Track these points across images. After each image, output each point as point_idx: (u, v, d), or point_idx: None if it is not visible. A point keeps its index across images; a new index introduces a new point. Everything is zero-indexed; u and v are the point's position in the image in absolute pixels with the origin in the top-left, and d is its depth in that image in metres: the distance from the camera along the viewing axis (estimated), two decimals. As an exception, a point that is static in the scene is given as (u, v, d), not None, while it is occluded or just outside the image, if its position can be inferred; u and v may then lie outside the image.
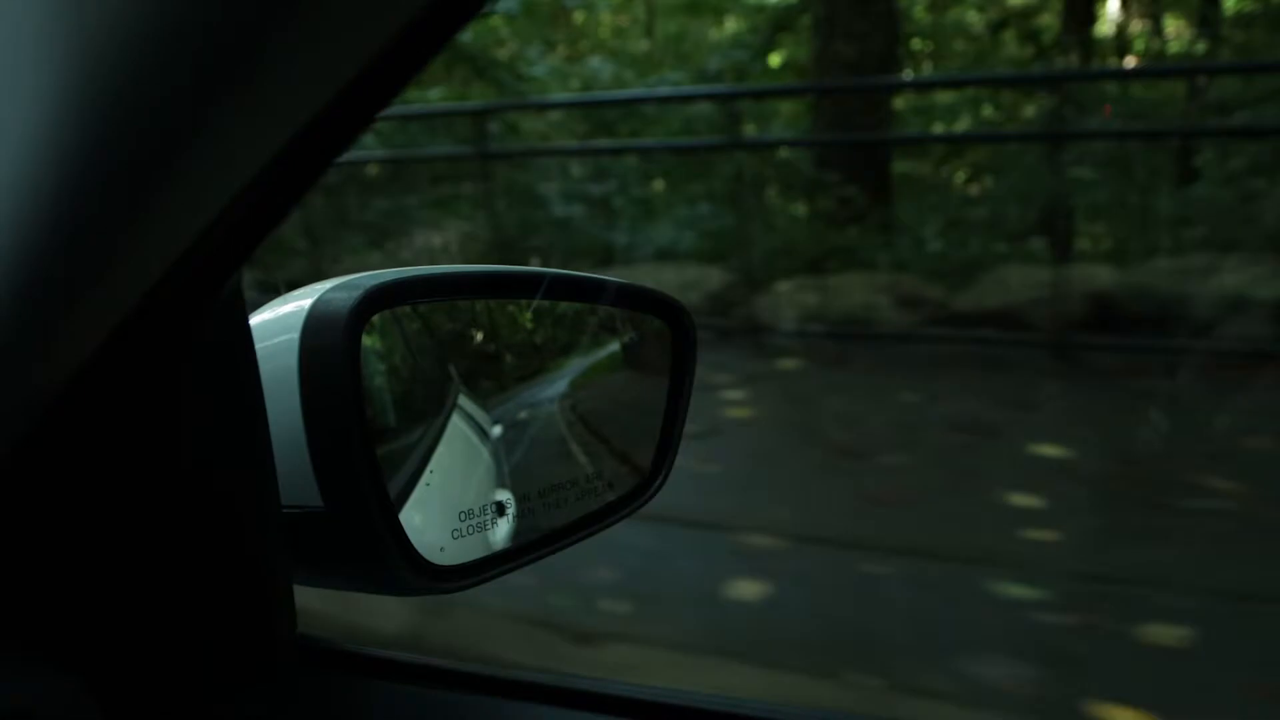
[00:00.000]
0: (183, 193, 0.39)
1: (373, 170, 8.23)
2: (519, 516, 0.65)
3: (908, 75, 9.81)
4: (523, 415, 0.69)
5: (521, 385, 0.70)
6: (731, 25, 11.64)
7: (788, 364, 5.46)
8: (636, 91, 9.10)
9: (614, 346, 0.76)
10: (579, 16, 12.47)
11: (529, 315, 0.71)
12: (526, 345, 0.71)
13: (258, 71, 0.34)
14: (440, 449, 0.62)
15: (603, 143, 8.06)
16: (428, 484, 0.60)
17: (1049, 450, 3.89)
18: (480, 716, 0.61)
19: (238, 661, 0.57)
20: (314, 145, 0.37)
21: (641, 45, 12.13)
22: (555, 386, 0.71)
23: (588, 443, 0.72)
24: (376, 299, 0.56)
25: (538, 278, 0.70)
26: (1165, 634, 2.54)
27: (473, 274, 0.67)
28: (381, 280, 0.57)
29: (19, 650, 0.50)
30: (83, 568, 0.51)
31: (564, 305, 0.73)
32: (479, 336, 0.69)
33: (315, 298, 0.56)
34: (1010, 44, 11.08)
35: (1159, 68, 10.07)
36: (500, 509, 0.64)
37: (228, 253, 0.43)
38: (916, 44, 11.26)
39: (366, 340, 0.56)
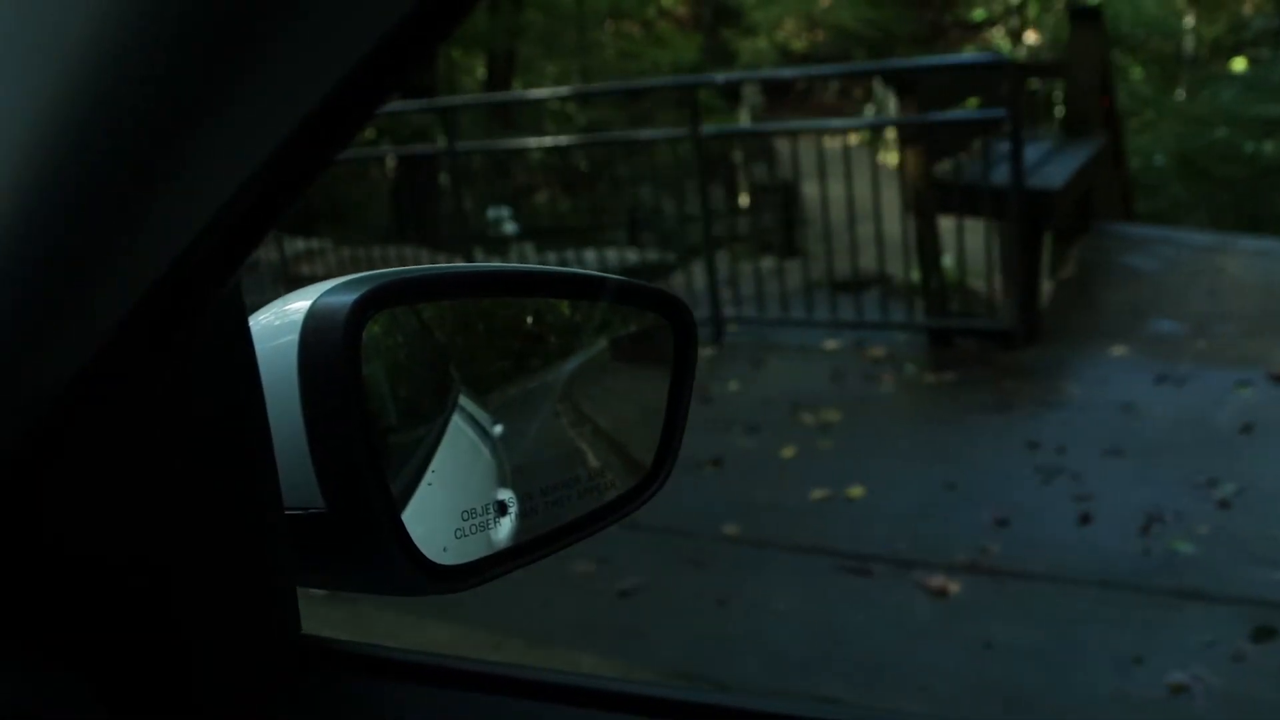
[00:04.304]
0: (179, 194, 0.38)
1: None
2: (521, 515, 0.65)
3: None
4: (524, 413, 0.69)
5: (523, 383, 0.70)
6: None
7: None
8: None
9: (614, 343, 0.76)
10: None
11: (530, 313, 0.71)
12: (527, 343, 0.71)
13: (254, 68, 0.34)
14: (442, 449, 0.62)
15: None
16: (429, 484, 0.60)
17: None
18: (487, 715, 0.61)
19: (241, 663, 0.57)
20: (313, 142, 0.37)
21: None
22: (557, 384, 0.71)
23: (590, 440, 0.72)
24: (376, 299, 0.56)
25: (538, 275, 0.70)
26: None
27: (472, 273, 0.67)
28: (381, 281, 0.57)
29: (20, 651, 0.50)
30: (84, 569, 0.50)
31: (566, 303, 0.73)
32: (479, 335, 0.69)
33: (314, 299, 0.56)
34: None
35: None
36: (502, 508, 0.64)
37: (225, 254, 0.43)
38: None
39: (367, 341, 0.56)
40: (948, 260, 5.87)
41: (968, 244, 5.64)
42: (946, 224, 5.72)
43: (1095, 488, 3.79)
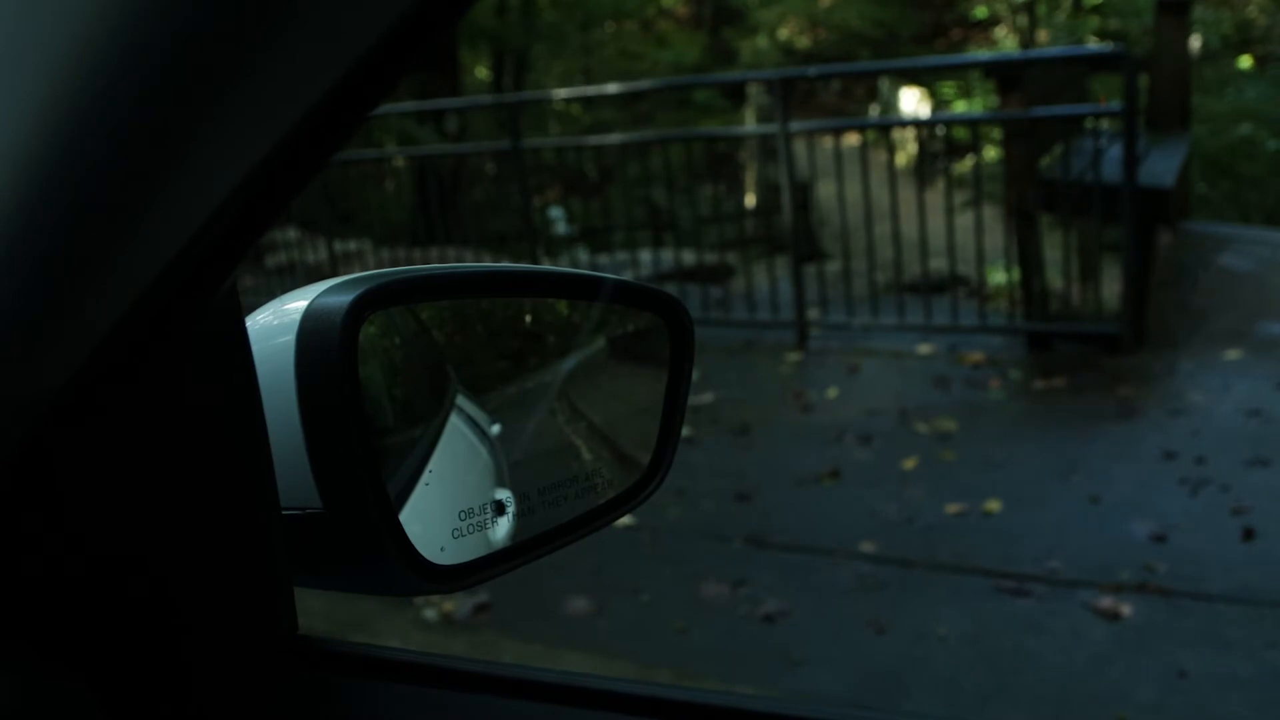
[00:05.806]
0: (176, 194, 0.39)
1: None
2: (519, 515, 0.65)
3: None
4: (521, 413, 0.69)
5: (520, 383, 0.70)
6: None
7: None
8: None
9: (611, 342, 0.76)
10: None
11: (528, 313, 0.71)
12: (524, 343, 0.71)
13: (251, 70, 0.34)
14: (439, 449, 0.62)
15: None
16: (427, 484, 0.60)
17: None
18: (482, 715, 0.61)
19: (238, 663, 0.57)
20: (309, 143, 0.37)
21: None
22: (554, 384, 0.71)
23: (586, 439, 0.72)
24: (373, 300, 0.56)
25: (535, 275, 0.70)
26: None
27: (469, 273, 0.67)
28: (378, 281, 0.57)
29: (19, 651, 0.50)
30: (83, 569, 0.51)
31: (562, 303, 0.73)
32: (477, 336, 0.69)
33: (311, 299, 0.56)
34: None
35: None
36: (500, 507, 0.64)
37: (222, 254, 0.43)
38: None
39: (364, 341, 0.56)
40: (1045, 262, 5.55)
41: (1047, 244, 5.42)
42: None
43: (1250, 500, 3.57)
